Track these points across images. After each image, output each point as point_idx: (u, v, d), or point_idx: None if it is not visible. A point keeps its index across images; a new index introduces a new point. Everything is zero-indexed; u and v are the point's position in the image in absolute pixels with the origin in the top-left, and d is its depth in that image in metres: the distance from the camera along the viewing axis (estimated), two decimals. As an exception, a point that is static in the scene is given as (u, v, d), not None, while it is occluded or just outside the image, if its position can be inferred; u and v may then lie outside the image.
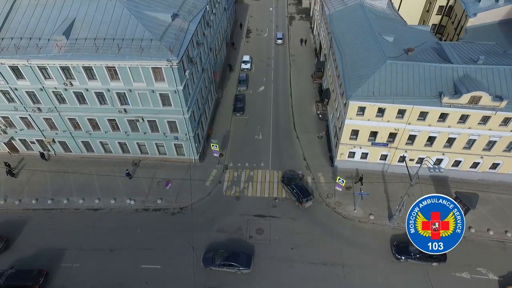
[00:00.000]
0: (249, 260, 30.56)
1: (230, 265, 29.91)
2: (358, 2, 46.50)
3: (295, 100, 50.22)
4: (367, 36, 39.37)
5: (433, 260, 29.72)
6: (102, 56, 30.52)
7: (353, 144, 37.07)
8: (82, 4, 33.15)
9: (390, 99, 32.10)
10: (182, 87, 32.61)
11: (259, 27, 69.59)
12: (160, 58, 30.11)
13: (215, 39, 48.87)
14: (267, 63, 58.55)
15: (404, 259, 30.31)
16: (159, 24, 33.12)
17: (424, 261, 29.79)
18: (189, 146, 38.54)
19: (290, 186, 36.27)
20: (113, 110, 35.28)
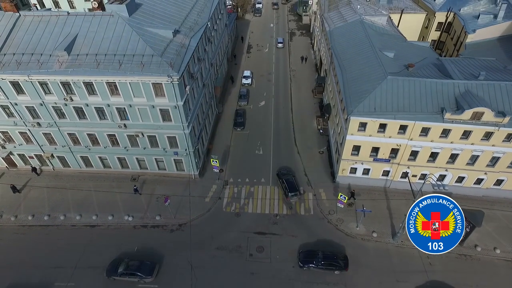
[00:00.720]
0: (152, 268, 30.46)
1: (132, 274, 29.91)
2: (358, 18, 47.00)
3: (295, 115, 50.11)
4: (367, 52, 39.55)
5: (335, 269, 30.36)
6: (103, 72, 30.54)
7: (354, 160, 36.65)
8: (84, 21, 33.43)
9: (392, 115, 31.87)
10: (182, 103, 32.50)
11: (260, 43, 70.34)
12: (161, 73, 30.11)
13: (216, 55, 49.21)
14: (267, 78, 58.82)
15: (307, 267, 30.72)
16: (160, 40, 33.33)
17: (326, 269, 30.38)
18: (189, 161, 38.15)
19: (281, 180, 38.23)
20: (113, 125, 35.09)
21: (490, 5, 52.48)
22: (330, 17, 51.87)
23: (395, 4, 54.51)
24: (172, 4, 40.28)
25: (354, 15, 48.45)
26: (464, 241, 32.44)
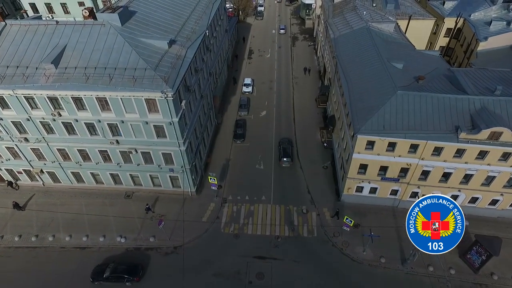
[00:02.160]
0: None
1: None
2: (364, 26, 44.74)
3: (298, 126, 47.93)
4: (375, 63, 37.34)
5: (125, 280, 29.87)
6: (92, 87, 28.46)
7: (361, 179, 34.47)
8: (74, 31, 31.38)
9: (402, 134, 29.67)
10: (177, 119, 30.40)
11: (262, 48, 68.14)
12: (154, 89, 28.00)
13: (215, 63, 47.08)
14: (269, 86, 56.63)
15: (98, 282, 30.21)
16: (155, 51, 31.22)
17: (117, 282, 29.85)
18: (185, 178, 36.07)
19: (280, 147, 43.09)
20: (104, 141, 33.06)
21: (503, 11, 50.17)
22: (335, 23, 49.62)
23: (403, 10, 52.19)
24: (168, 11, 38.16)
25: (360, 22, 46.20)
26: (479, 269, 30.27)
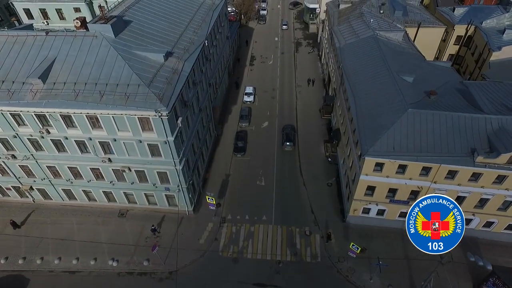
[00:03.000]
0: None
1: None
2: (371, 34, 42.65)
3: (301, 139, 45.89)
4: (383, 76, 35.27)
5: None
6: (82, 105, 26.58)
7: (368, 201, 32.45)
8: (64, 42, 29.50)
9: (414, 156, 27.60)
10: (173, 138, 28.47)
11: (264, 54, 66.07)
12: (147, 108, 26.10)
13: (215, 72, 45.13)
14: (271, 95, 54.60)
15: None
16: (150, 65, 29.31)
17: None
18: (182, 197, 34.16)
19: (284, 132, 45.53)
20: (96, 159, 31.20)
21: (517, 19, 47.95)
22: (340, 31, 47.52)
23: (411, 17, 50.01)
24: (165, 20, 36.24)
25: (367, 30, 44.10)
26: (496, 303, 28.24)
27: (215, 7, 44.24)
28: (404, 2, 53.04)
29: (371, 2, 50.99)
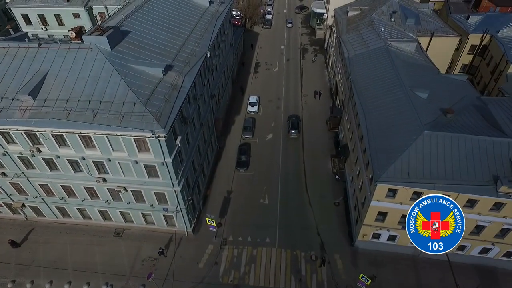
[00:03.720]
0: None
1: None
2: (382, 45, 40.53)
3: (307, 153, 43.87)
4: (396, 91, 33.17)
5: None
6: (73, 124, 24.80)
7: (378, 226, 30.40)
8: (58, 55, 27.76)
9: (431, 184, 25.50)
10: (171, 159, 26.64)
11: (269, 61, 64.03)
12: (143, 128, 24.26)
13: (218, 83, 43.22)
14: (276, 105, 52.61)
15: None
16: (147, 81, 27.49)
17: None
18: (180, 218, 32.34)
19: (289, 121, 47.60)
20: (90, 178, 29.47)
21: (536, 29, 45.58)
22: (349, 41, 45.41)
23: (424, 26, 47.75)
24: (165, 30, 34.37)
25: (378, 40, 41.97)
26: None
27: (219, 14, 42.33)
28: (416, 9, 50.83)
29: (381, 9, 48.83)
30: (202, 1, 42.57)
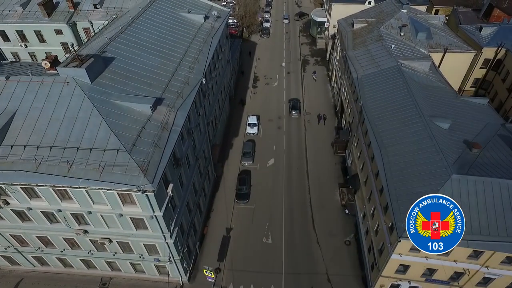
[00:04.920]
0: None
1: None
2: (394, 65, 37.00)
3: (312, 181, 40.28)
4: (414, 121, 29.66)
5: None
6: (45, 178, 21.00)
7: (399, 278, 26.92)
8: (28, 90, 23.97)
9: (464, 241, 22.01)
10: (162, 213, 22.92)
11: (268, 74, 60.33)
12: (127, 183, 20.54)
13: (214, 106, 39.48)
14: (277, 125, 48.96)
15: None
16: (133, 120, 23.72)
17: None
18: (174, 267, 28.62)
19: (290, 103, 51.39)
20: (69, 230, 25.66)
21: (557, 44, 42.39)
22: (357, 57, 41.87)
23: (436, 41, 44.36)
24: (155, 54, 30.56)
25: (389, 59, 38.45)
26: None
27: (215, 31, 38.54)
28: (427, 22, 47.44)
29: (390, 22, 45.34)
30: (197, 17, 38.79)
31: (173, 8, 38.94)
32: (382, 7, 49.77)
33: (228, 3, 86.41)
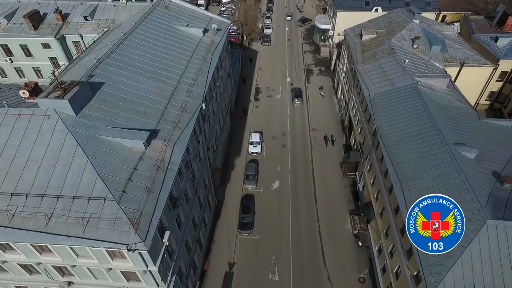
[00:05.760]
0: None
1: None
2: (410, 83, 34.10)
3: (321, 207, 37.36)
4: (438, 153, 26.69)
5: None
6: (18, 234, 17.97)
7: (424, 330, 24.08)
8: (3, 125, 21.02)
9: (502, 302, 19.23)
10: (157, 268, 19.95)
11: (270, 85, 57.35)
12: (115, 242, 17.54)
13: (215, 127, 36.47)
14: (282, 142, 46.00)
15: None
16: (124, 159, 20.73)
17: None
18: (172, 316, 25.64)
19: (292, 92, 53.28)
20: (51, 281, 22.64)
21: None
22: (367, 73, 38.98)
23: (452, 54, 41.46)
24: (149, 77, 27.56)
25: (403, 76, 35.57)
26: None
27: (215, 47, 35.54)
28: (440, 32, 44.57)
29: (401, 34, 42.46)
30: (195, 31, 35.78)
31: (170, 21, 35.95)
32: (392, 17, 46.88)
33: (227, 8, 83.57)
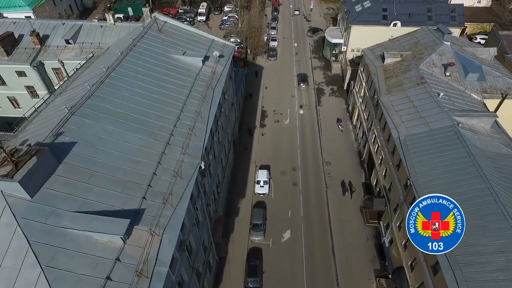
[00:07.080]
0: None
1: None
2: (449, 124, 28.65)
3: (340, 265, 31.89)
4: (499, 228, 21.42)
5: None
6: None
7: None
8: None
9: None
10: None
11: (278, 108, 51.85)
12: None
13: (215, 177, 30.95)
14: (292, 180, 40.48)
15: None
16: (94, 262, 15.31)
17: None
18: None
19: (298, 77, 57.33)
20: None
21: None
22: (394, 107, 33.48)
23: (491, 83, 35.73)
24: (134, 130, 22.07)
25: (439, 114, 30.13)
26: None
27: (217, 80, 30.04)
28: (474, 56, 38.99)
29: (431, 59, 36.92)
30: (194, 60, 30.36)
31: (164, 48, 30.55)
32: (417, 37, 41.32)
33: (230, 17, 78.26)
